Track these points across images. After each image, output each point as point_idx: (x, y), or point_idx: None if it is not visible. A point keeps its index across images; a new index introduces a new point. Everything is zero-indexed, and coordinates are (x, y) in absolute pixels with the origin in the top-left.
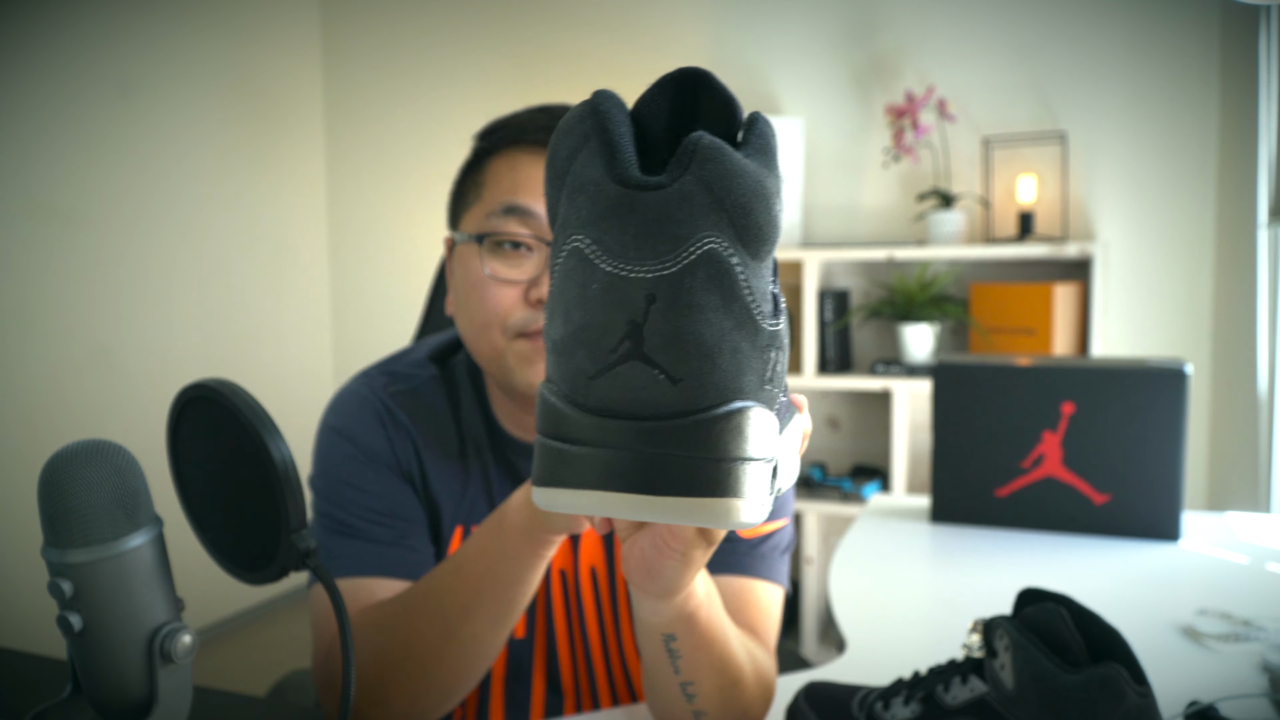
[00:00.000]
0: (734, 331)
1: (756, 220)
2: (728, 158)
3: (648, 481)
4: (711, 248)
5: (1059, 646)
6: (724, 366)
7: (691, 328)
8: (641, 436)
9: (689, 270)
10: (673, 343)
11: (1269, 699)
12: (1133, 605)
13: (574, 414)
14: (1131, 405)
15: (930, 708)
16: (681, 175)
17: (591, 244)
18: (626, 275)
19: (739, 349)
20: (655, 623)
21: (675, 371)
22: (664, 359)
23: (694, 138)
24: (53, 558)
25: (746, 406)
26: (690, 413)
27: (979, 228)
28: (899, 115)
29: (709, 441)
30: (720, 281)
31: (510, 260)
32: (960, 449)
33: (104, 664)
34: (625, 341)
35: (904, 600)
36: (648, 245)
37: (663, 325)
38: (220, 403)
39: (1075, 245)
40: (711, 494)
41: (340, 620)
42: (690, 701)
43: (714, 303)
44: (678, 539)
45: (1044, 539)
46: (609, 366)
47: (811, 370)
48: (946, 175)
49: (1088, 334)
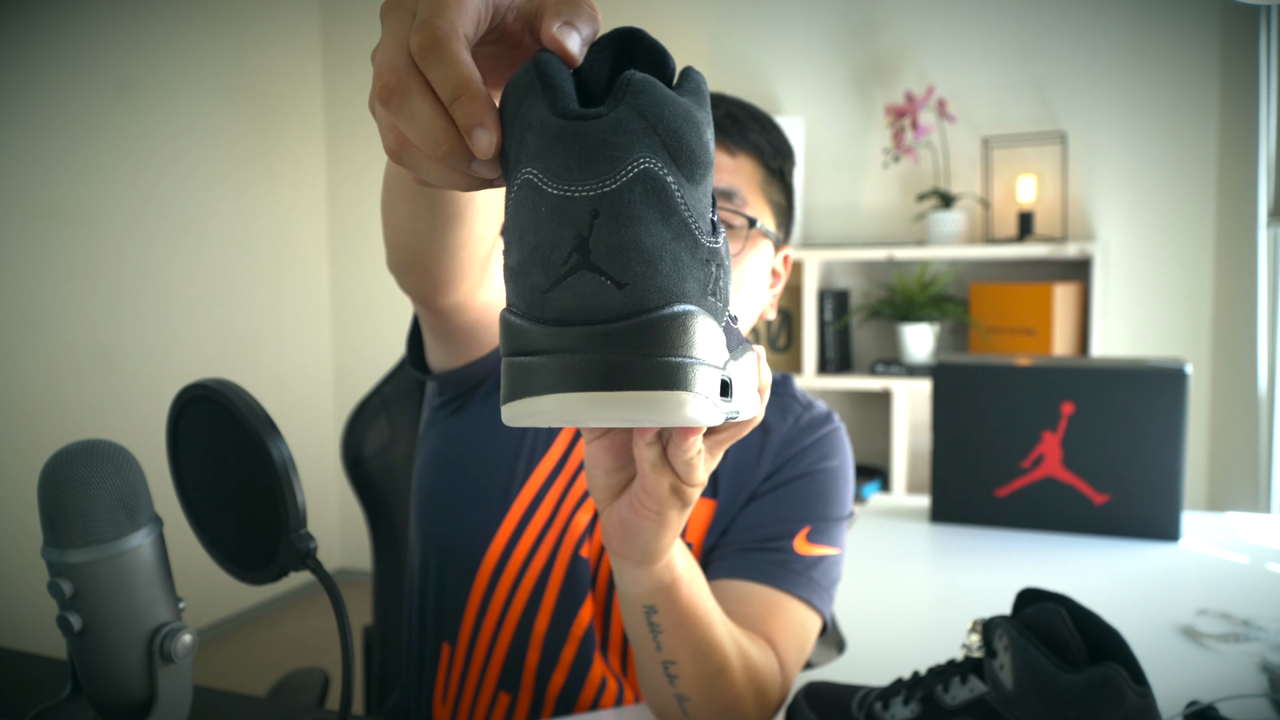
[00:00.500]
0: (673, 242)
1: (689, 144)
2: (659, 89)
3: (602, 379)
4: (647, 166)
5: (1058, 647)
6: (665, 272)
7: (633, 236)
8: (595, 339)
9: (627, 187)
10: (616, 251)
11: (1269, 699)
12: (1133, 605)
13: (532, 328)
14: (1131, 405)
15: (930, 708)
16: (617, 106)
17: (539, 173)
18: (571, 195)
19: (679, 257)
20: (636, 593)
21: (620, 277)
22: (609, 266)
23: (628, 74)
24: (53, 558)
25: (690, 310)
26: (637, 313)
27: (979, 228)
28: (899, 115)
29: (656, 339)
30: (657, 197)
31: None
32: (960, 449)
33: (104, 664)
34: (574, 254)
35: (904, 600)
36: (589, 167)
37: (606, 236)
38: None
39: (1075, 245)
40: (661, 387)
41: (340, 620)
42: (673, 684)
43: (652, 215)
44: (652, 498)
45: (1044, 539)
46: (560, 278)
47: (811, 370)
48: (946, 175)
49: (1088, 334)
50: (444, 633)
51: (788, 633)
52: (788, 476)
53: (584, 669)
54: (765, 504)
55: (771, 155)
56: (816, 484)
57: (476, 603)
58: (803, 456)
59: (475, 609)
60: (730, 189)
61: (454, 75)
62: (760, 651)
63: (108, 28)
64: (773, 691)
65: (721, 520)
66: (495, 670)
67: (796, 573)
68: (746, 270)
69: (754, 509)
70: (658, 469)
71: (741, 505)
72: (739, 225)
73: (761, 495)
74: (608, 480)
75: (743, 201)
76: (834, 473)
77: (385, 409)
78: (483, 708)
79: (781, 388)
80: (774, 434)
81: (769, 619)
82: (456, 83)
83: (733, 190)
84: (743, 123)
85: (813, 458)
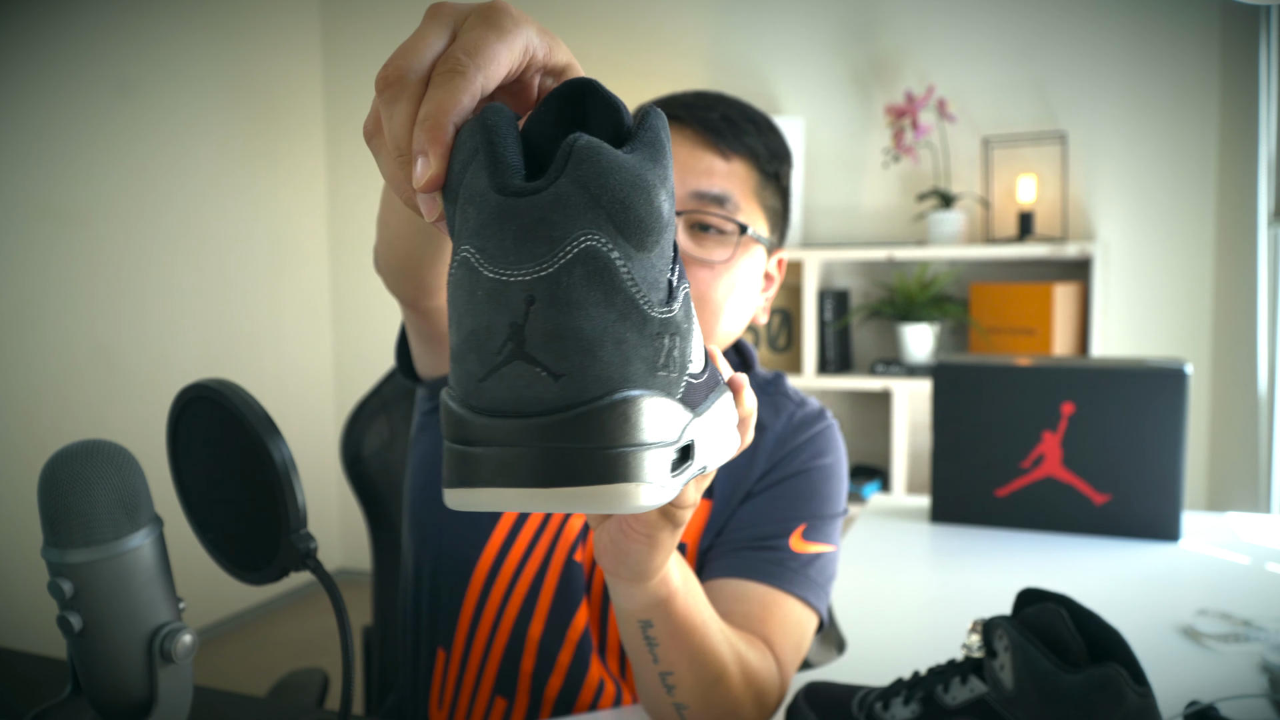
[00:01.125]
0: (617, 323)
1: (636, 213)
2: (603, 156)
3: (541, 475)
4: (589, 244)
5: (1059, 647)
6: (606, 359)
7: (570, 324)
8: (531, 433)
9: (565, 269)
10: (552, 340)
11: (1269, 699)
12: (1133, 605)
13: (469, 416)
14: (1131, 405)
15: (930, 708)
16: (557, 178)
17: (476, 252)
18: (507, 279)
19: (623, 340)
20: (631, 609)
21: (557, 368)
22: (545, 356)
23: (569, 140)
24: (53, 558)
25: (633, 395)
26: (574, 405)
27: (979, 228)
28: (899, 115)
29: (595, 432)
30: (600, 276)
31: None
32: (960, 449)
33: (104, 664)
34: (508, 343)
35: (904, 600)
36: (525, 249)
37: (542, 324)
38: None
39: (1075, 245)
40: (604, 481)
41: (340, 620)
42: (670, 693)
43: (594, 298)
44: (641, 522)
45: (1044, 539)
46: (495, 368)
47: (811, 370)
48: (946, 175)
49: (1088, 334)
50: (439, 637)
51: (784, 631)
52: (782, 475)
53: (581, 673)
54: (760, 503)
55: (767, 159)
56: (811, 481)
57: (471, 608)
58: (796, 454)
59: (470, 614)
60: (723, 194)
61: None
62: (758, 655)
63: (108, 28)
64: (771, 693)
65: (717, 520)
66: (491, 675)
67: (792, 570)
68: (737, 276)
69: (749, 508)
70: None
71: (737, 504)
72: (730, 231)
73: (756, 494)
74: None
75: (735, 207)
76: (828, 470)
77: (385, 409)
78: (479, 712)
79: (774, 386)
80: (768, 432)
81: (766, 618)
82: (436, 109)
83: (725, 195)
84: (738, 125)
85: (806, 455)
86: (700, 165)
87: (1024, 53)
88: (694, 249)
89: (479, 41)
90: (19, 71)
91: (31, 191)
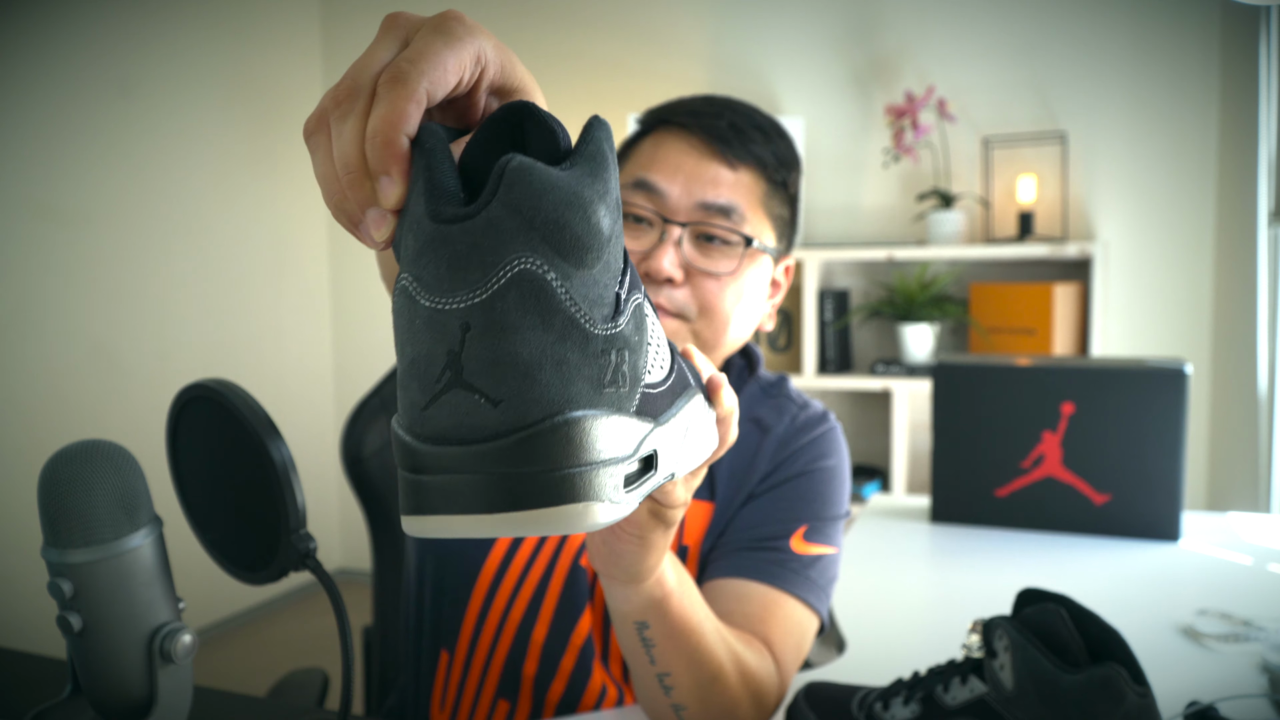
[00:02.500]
0: (556, 345)
1: (573, 232)
2: (536, 176)
3: (487, 501)
4: (523, 268)
5: (1058, 647)
6: (546, 380)
7: (507, 349)
8: (476, 460)
9: (499, 295)
10: (489, 367)
11: (1269, 699)
12: (1133, 605)
13: (416, 445)
14: (1131, 405)
15: (930, 708)
16: (489, 203)
17: (413, 281)
18: (443, 308)
19: (563, 360)
20: (627, 610)
21: (494, 394)
22: (482, 383)
23: (501, 162)
24: (53, 558)
25: (576, 416)
26: (514, 430)
27: (979, 228)
28: (899, 115)
29: (539, 455)
30: (536, 299)
31: (632, 232)
32: (960, 449)
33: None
34: (447, 371)
35: (904, 600)
36: (459, 276)
37: (478, 352)
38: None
39: (1075, 245)
40: (552, 503)
41: (340, 620)
42: (668, 694)
43: (530, 321)
44: (631, 524)
45: (1044, 539)
46: (435, 396)
47: (811, 370)
48: (946, 175)
49: (1088, 334)
50: (442, 640)
51: (784, 632)
52: (784, 476)
53: (584, 678)
54: (762, 504)
55: (775, 167)
56: (813, 483)
57: (475, 610)
58: (799, 456)
59: (474, 617)
60: (729, 205)
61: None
62: (755, 655)
63: (108, 28)
64: (769, 693)
65: (719, 522)
66: (494, 678)
67: (794, 571)
68: (744, 286)
69: (751, 509)
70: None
71: (739, 506)
72: (736, 243)
73: (758, 496)
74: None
75: (741, 218)
76: (830, 472)
77: (385, 409)
78: (481, 714)
79: (778, 389)
80: (771, 434)
81: (766, 618)
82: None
83: (732, 206)
84: (746, 134)
85: (809, 457)
86: (706, 175)
87: (1024, 53)
88: (700, 260)
89: (425, 48)
90: (19, 71)
91: (31, 191)
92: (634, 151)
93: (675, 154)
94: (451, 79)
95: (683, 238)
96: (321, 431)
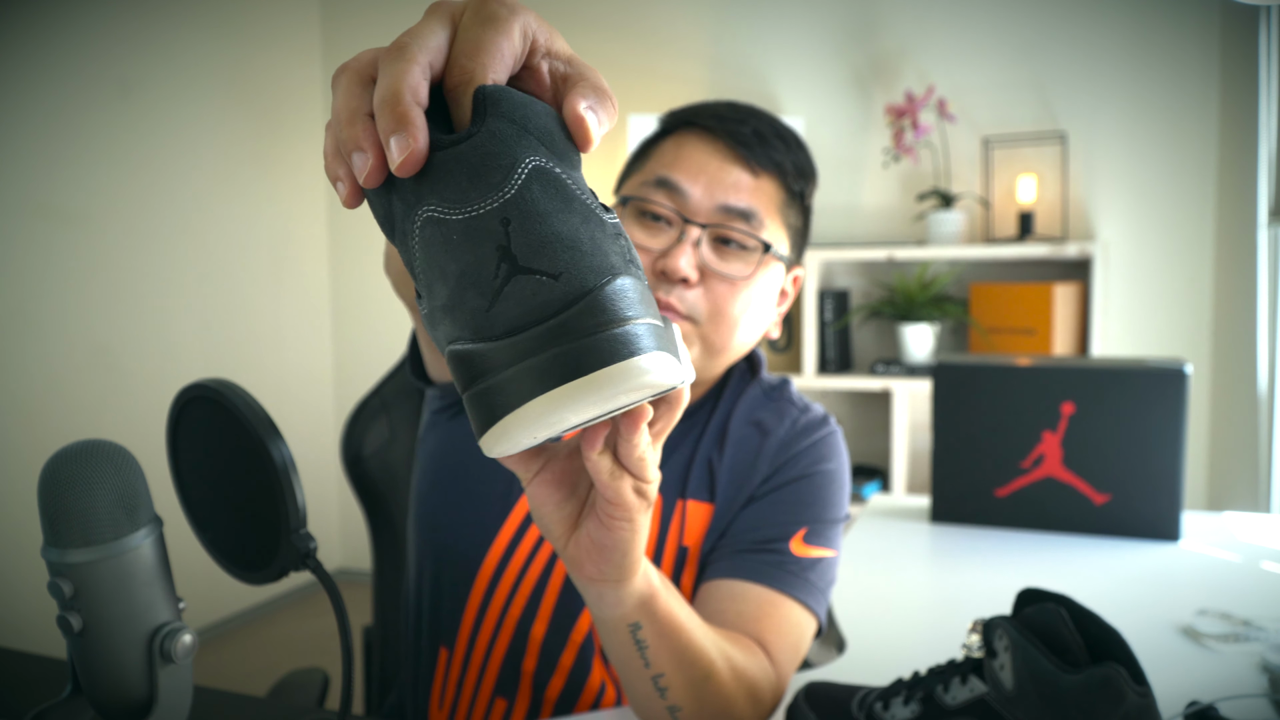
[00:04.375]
0: (584, 225)
1: (559, 138)
2: (514, 95)
3: (573, 367)
4: (536, 164)
5: (1058, 647)
6: (590, 251)
7: (551, 230)
8: (553, 335)
9: (525, 188)
10: (541, 248)
11: (1269, 699)
12: (1133, 605)
13: (488, 348)
14: (1131, 405)
15: (930, 708)
16: (484, 120)
17: (438, 204)
18: (479, 213)
19: (594, 236)
20: (621, 613)
21: (553, 269)
22: (540, 263)
23: (478, 90)
24: (53, 558)
25: (626, 280)
26: (581, 296)
27: (979, 228)
28: (899, 115)
29: (608, 313)
30: (555, 188)
31: (649, 230)
32: (960, 449)
33: (104, 664)
34: (502, 265)
35: (904, 600)
36: (484, 182)
37: (526, 239)
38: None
39: (1075, 245)
40: (625, 356)
41: (340, 620)
42: (663, 696)
43: (557, 206)
44: (620, 507)
45: (1044, 539)
46: (498, 291)
47: (811, 370)
48: (946, 175)
49: (1088, 334)
50: (441, 636)
51: (782, 633)
52: (784, 479)
53: (583, 675)
54: (762, 506)
55: (794, 177)
56: (813, 486)
57: (475, 607)
58: (799, 459)
59: (473, 613)
60: (749, 209)
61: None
62: (745, 653)
63: (108, 28)
64: (765, 692)
65: (719, 523)
66: (492, 675)
67: (792, 573)
68: (756, 292)
69: (751, 511)
70: (615, 475)
71: (739, 508)
72: (754, 247)
73: (758, 498)
74: (560, 512)
75: (759, 224)
76: (830, 475)
77: (385, 409)
78: (479, 712)
79: (779, 391)
80: (771, 437)
81: (763, 619)
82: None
83: (752, 211)
84: (768, 141)
85: (809, 460)
86: (729, 179)
87: (1024, 53)
88: (716, 263)
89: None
90: (19, 71)
91: (31, 191)
92: (655, 151)
93: (699, 155)
94: (509, 62)
95: (701, 239)
96: (321, 431)
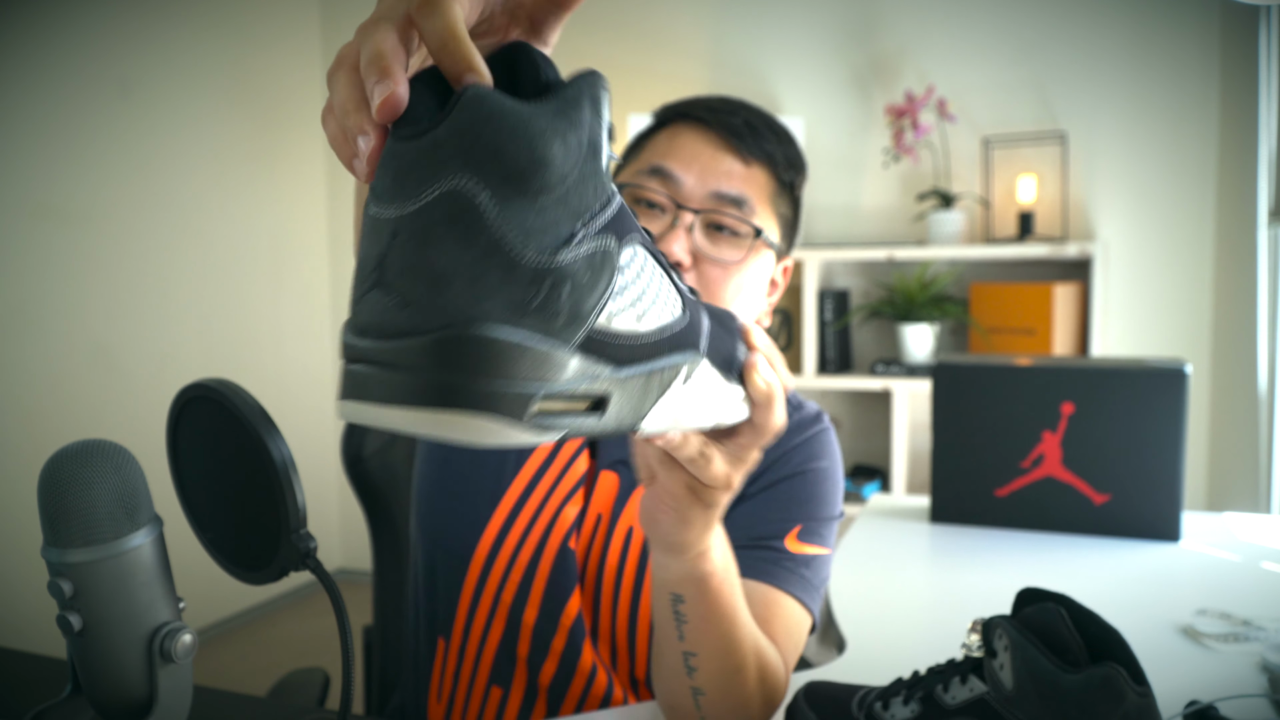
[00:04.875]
0: (476, 263)
1: (512, 160)
2: (488, 104)
3: (382, 391)
4: (452, 188)
5: (1058, 646)
6: (456, 293)
7: (423, 258)
8: (379, 353)
9: (427, 209)
10: (405, 272)
11: (1269, 699)
12: (1133, 605)
13: (347, 335)
14: (1131, 405)
15: (929, 708)
16: (437, 126)
17: (372, 191)
18: (381, 216)
19: (481, 278)
20: (664, 578)
21: (406, 296)
22: (398, 286)
23: (460, 90)
24: (53, 557)
25: (486, 332)
26: (415, 333)
27: (979, 228)
28: (899, 115)
29: (432, 360)
30: (461, 218)
31: (644, 216)
32: (960, 449)
33: (104, 664)
34: (374, 271)
35: (904, 600)
36: (399, 189)
37: (399, 257)
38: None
39: (1075, 245)
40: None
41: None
42: (691, 675)
43: (452, 236)
44: (669, 495)
45: (1044, 539)
46: (364, 293)
47: (811, 370)
48: (946, 175)
49: (1088, 334)
50: (439, 627)
51: (786, 631)
52: (778, 476)
53: (574, 658)
54: (756, 504)
55: (784, 168)
56: (806, 484)
57: (469, 594)
58: (792, 456)
59: (468, 601)
60: (741, 196)
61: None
62: (774, 655)
63: (108, 28)
64: (778, 692)
65: None
66: (488, 661)
67: (790, 570)
68: (746, 278)
69: (745, 509)
70: (666, 465)
71: (731, 506)
72: (745, 233)
73: (751, 496)
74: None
75: (751, 210)
76: (824, 473)
77: None
78: (475, 702)
79: None
80: None
81: (769, 617)
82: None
83: (743, 198)
84: (759, 132)
85: (802, 457)
86: (721, 167)
87: (1024, 53)
88: (709, 248)
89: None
90: (19, 71)
91: (31, 191)
92: (649, 142)
93: (691, 145)
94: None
95: (694, 225)
96: (321, 431)
